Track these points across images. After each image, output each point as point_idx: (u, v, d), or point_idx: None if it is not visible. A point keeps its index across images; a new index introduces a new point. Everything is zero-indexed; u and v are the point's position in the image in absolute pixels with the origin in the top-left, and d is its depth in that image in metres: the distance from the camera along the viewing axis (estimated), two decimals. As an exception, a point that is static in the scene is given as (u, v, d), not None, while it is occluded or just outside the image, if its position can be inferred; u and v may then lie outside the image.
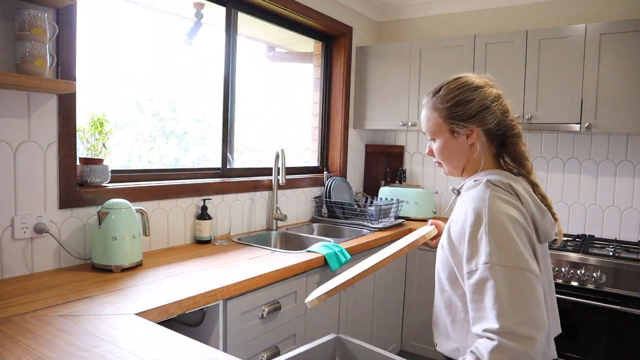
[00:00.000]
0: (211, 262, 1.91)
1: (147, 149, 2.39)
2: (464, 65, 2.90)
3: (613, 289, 2.29)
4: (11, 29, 1.55)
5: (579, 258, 2.37)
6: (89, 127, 1.85)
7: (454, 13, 3.31)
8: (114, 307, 1.35)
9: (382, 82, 3.27)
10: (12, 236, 1.61)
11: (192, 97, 2.59)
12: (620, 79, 2.45)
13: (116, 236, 1.72)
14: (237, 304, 1.66)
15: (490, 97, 1.18)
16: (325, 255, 2.11)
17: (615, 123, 2.48)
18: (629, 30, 2.42)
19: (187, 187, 2.23)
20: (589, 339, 2.35)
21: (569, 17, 2.90)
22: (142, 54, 2.28)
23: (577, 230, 2.92)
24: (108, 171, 1.90)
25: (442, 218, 3.31)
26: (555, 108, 2.64)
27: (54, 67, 1.68)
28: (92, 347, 1.09)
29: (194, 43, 2.51)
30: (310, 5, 2.92)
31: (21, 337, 1.14)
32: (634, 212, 2.74)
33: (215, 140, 2.61)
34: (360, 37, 3.43)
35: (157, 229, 2.11)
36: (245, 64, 2.76)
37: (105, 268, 1.72)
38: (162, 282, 1.61)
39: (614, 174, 2.80)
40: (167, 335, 1.19)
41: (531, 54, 2.69)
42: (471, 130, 1.17)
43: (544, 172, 3.01)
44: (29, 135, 1.65)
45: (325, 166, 3.40)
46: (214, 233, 2.29)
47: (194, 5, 2.48)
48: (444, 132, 1.20)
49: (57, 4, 1.63)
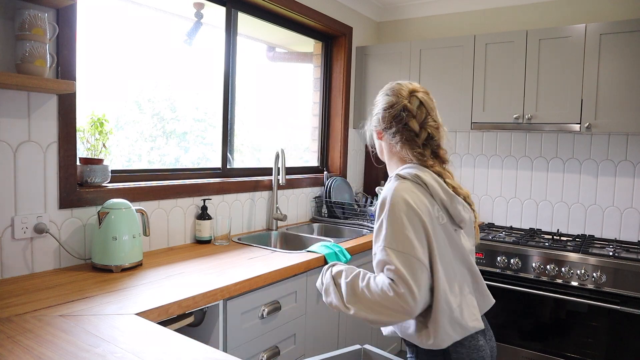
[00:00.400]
0: (211, 262, 1.91)
1: (147, 149, 2.39)
2: (464, 65, 2.90)
3: (613, 289, 2.29)
4: (11, 29, 1.55)
5: (579, 258, 2.37)
6: (89, 127, 1.85)
7: (454, 13, 3.31)
8: (114, 307, 1.35)
9: (382, 82, 3.24)
10: (12, 236, 1.61)
11: (192, 97, 2.59)
12: (620, 79, 2.45)
13: (116, 236, 1.72)
14: (237, 304, 1.66)
15: (393, 104, 1.36)
16: (325, 255, 2.11)
17: (615, 123, 2.48)
18: (629, 30, 2.42)
19: (187, 187, 2.23)
20: (589, 339, 2.35)
21: (569, 17, 2.90)
22: (142, 53, 2.28)
23: (577, 230, 2.92)
24: (108, 171, 1.90)
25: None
26: (555, 108, 2.64)
27: (54, 67, 1.68)
28: (92, 347, 1.09)
29: (194, 43, 2.51)
30: (310, 5, 2.92)
31: (21, 337, 1.14)
32: (634, 212, 2.74)
33: (215, 140, 2.61)
34: (360, 37, 3.43)
35: (157, 229, 2.11)
36: (245, 64, 2.76)
37: (105, 268, 1.72)
38: (162, 282, 1.61)
39: (614, 174, 2.80)
40: (167, 335, 1.19)
41: (531, 54, 2.69)
42: (377, 132, 1.40)
43: (544, 172, 3.01)
44: (29, 135, 1.65)
45: (325, 166, 3.40)
46: (214, 233, 2.29)
47: (194, 5, 2.48)
48: (371, 131, 1.41)
49: (57, 4, 1.63)
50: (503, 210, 3.16)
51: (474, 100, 2.88)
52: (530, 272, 2.50)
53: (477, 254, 2.64)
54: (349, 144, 3.43)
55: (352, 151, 3.49)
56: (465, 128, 2.93)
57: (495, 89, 2.81)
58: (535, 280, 2.48)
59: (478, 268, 1.32)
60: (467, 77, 2.90)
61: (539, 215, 3.04)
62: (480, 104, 2.86)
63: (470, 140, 3.27)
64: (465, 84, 2.91)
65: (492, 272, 2.61)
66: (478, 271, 1.31)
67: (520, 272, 2.53)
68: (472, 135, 3.25)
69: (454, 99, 2.95)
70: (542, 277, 2.46)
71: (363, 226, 2.81)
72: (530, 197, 3.07)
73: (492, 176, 3.20)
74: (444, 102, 3.00)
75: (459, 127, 2.95)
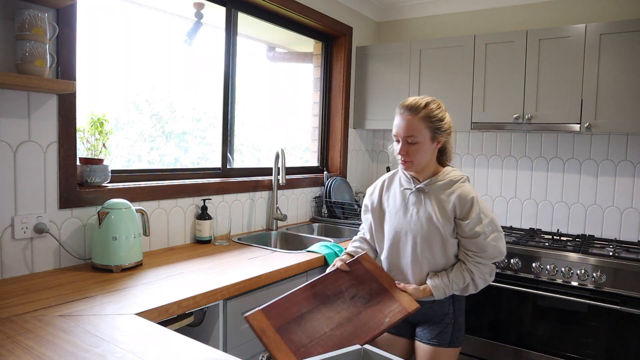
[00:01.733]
0: (211, 262, 1.91)
1: (147, 149, 2.39)
2: (464, 65, 2.90)
3: (613, 289, 2.29)
4: (11, 29, 1.55)
5: (579, 258, 2.37)
6: (89, 127, 1.85)
7: (453, 13, 3.31)
8: (114, 307, 1.36)
9: (382, 82, 3.28)
10: (12, 236, 1.61)
11: (192, 97, 2.59)
12: (620, 79, 2.45)
13: (116, 236, 1.72)
14: (237, 304, 1.66)
15: (451, 121, 1.71)
16: (325, 255, 2.11)
17: (615, 123, 2.48)
18: (629, 30, 2.42)
19: (187, 187, 2.23)
20: (589, 339, 2.35)
21: (569, 17, 2.90)
22: (142, 54, 2.28)
23: (577, 230, 2.92)
24: (108, 171, 1.90)
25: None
26: (555, 108, 2.64)
27: (54, 67, 1.68)
28: (92, 347, 1.09)
29: (194, 43, 2.51)
30: (310, 5, 2.92)
31: (21, 337, 1.14)
32: (634, 212, 2.74)
33: (215, 140, 2.61)
34: (360, 37, 3.43)
35: (157, 229, 2.11)
36: (245, 64, 2.76)
37: (105, 268, 1.72)
38: (162, 282, 1.61)
39: (614, 174, 2.80)
40: (167, 335, 1.19)
41: (531, 54, 2.69)
42: (439, 141, 1.66)
43: (544, 172, 3.01)
44: (29, 135, 1.65)
45: (325, 166, 3.40)
46: (214, 233, 2.29)
47: (194, 5, 2.48)
48: (426, 137, 1.62)
49: (57, 4, 1.63)
50: (503, 210, 3.16)
51: (474, 100, 2.88)
52: (530, 272, 2.49)
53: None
54: (349, 144, 3.43)
55: (352, 151, 3.49)
56: (465, 128, 2.93)
57: (495, 89, 2.81)
58: (535, 280, 2.48)
59: None
60: (467, 77, 2.90)
61: (539, 215, 3.04)
62: (480, 104, 2.86)
63: (470, 140, 3.27)
64: (465, 84, 2.91)
65: (492, 272, 2.60)
66: None
67: (520, 272, 2.53)
68: (472, 135, 3.25)
69: (454, 99, 2.95)
70: (542, 277, 2.46)
71: (363, 226, 2.81)
72: (530, 197, 3.07)
73: (492, 176, 3.20)
74: (444, 102, 2.97)
75: (459, 127, 2.95)
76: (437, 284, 1.64)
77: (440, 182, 1.66)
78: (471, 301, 2.68)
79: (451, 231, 1.64)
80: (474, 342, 2.66)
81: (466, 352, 2.69)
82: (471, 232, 1.60)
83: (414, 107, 1.62)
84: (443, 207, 1.63)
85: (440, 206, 1.64)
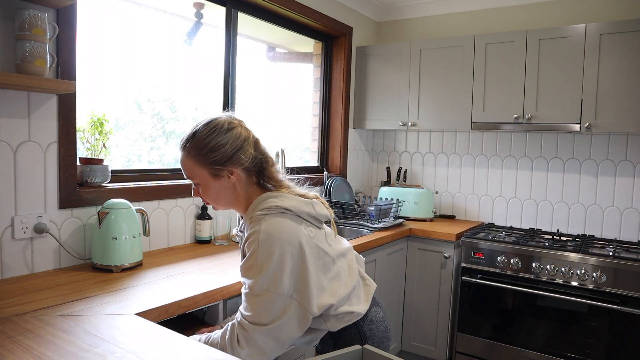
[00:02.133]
0: (211, 262, 1.91)
1: (147, 149, 2.39)
2: (464, 65, 2.90)
3: (613, 289, 2.29)
4: (11, 29, 1.55)
5: (579, 258, 2.37)
6: (89, 127, 1.85)
7: (454, 13, 3.31)
8: (114, 307, 1.35)
9: (382, 82, 3.28)
10: (12, 236, 1.61)
11: (192, 97, 2.59)
12: (620, 79, 2.46)
13: (116, 236, 1.72)
14: (237, 304, 1.66)
15: (241, 137, 1.29)
16: (325, 255, 2.10)
17: (615, 123, 2.48)
18: (629, 30, 2.42)
19: (187, 187, 2.23)
20: (589, 339, 2.35)
21: (569, 17, 2.90)
22: (142, 54, 2.28)
23: (577, 230, 2.92)
24: (108, 171, 1.90)
25: (441, 217, 3.31)
26: (555, 108, 2.64)
27: (54, 67, 1.68)
28: (92, 347, 1.09)
29: (194, 43, 2.51)
30: (310, 5, 2.92)
31: (21, 337, 1.14)
32: (634, 212, 2.74)
33: (215, 140, 2.61)
34: (360, 37, 3.43)
35: (157, 229, 2.11)
36: (245, 64, 2.76)
37: (105, 268, 1.72)
38: (162, 282, 1.61)
39: (614, 174, 2.80)
40: (167, 335, 1.19)
41: (531, 54, 2.69)
42: (231, 172, 1.28)
43: (544, 172, 3.01)
44: (29, 135, 1.65)
45: (325, 166, 3.40)
46: (214, 233, 2.29)
47: (194, 5, 2.48)
48: (205, 176, 1.28)
49: (57, 4, 1.63)
50: (503, 210, 3.16)
51: (474, 100, 2.88)
52: (530, 272, 2.50)
53: (477, 253, 2.65)
54: (349, 144, 3.43)
55: (352, 151, 3.49)
56: (465, 128, 2.93)
57: (495, 89, 2.81)
58: (535, 280, 2.48)
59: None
60: (467, 77, 2.90)
61: (539, 215, 3.04)
62: (480, 104, 2.86)
63: (470, 140, 3.27)
64: (465, 84, 2.91)
65: (492, 272, 2.61)
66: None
67: (521, 272, 2.53)
68: (472, 135, 3.25)
69: (454, 99, 2.95)
70: (542, 277, 2.46)
71: (363, 226, 2.81)
72: (530, 197, 3.07)
73: (492, 176, 3.20)
74: (444, 102, 3.01)
75: (459, 127, 2.95)
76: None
77: (248, 222, 1.30)
78: (471, 301, 2.69)
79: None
80: (474, 342, 2.66)
81: (466, 352, 2.69)
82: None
83: (182, 143, 1.30)
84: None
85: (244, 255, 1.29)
